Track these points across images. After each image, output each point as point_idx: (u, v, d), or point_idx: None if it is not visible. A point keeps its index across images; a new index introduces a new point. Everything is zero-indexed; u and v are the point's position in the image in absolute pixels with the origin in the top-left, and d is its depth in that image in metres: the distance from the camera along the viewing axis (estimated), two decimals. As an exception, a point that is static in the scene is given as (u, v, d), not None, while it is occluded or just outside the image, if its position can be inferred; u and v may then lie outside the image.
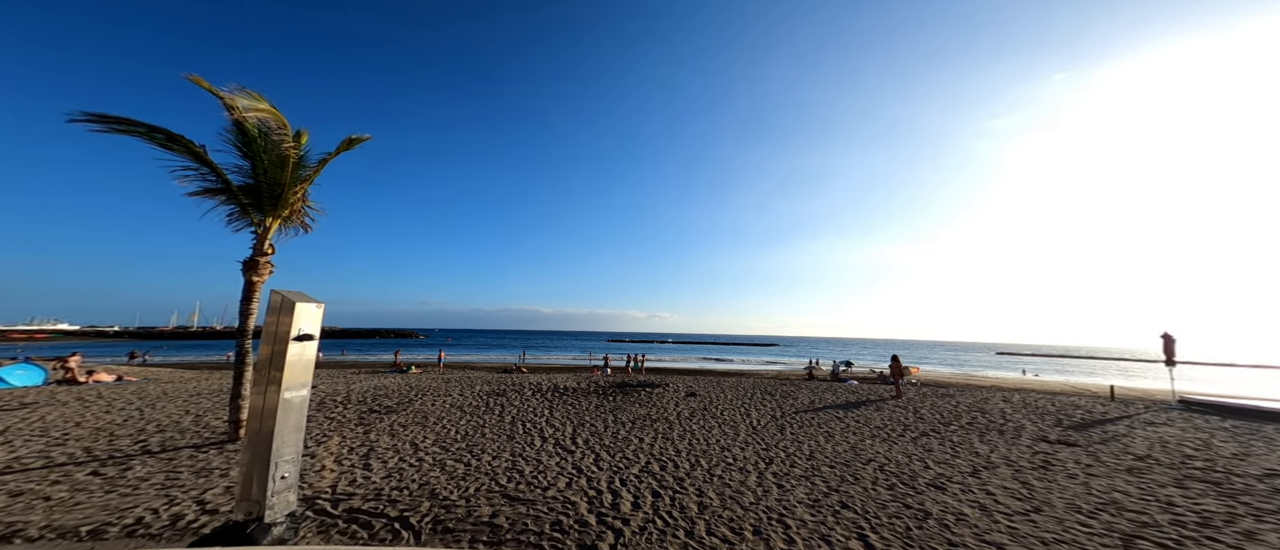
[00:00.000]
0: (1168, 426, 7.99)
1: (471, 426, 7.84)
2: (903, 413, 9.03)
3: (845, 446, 6.28)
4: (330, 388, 12.03)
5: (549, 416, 8.74)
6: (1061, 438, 6.82)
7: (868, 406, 9.91)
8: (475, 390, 12.13)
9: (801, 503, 4.15)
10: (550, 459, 5.95)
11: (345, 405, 9.51)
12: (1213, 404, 10.71)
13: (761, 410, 9.45)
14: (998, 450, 6.00)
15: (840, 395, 11.80)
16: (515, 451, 6.31)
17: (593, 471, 5.39)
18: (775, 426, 7.79)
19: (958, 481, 4.62)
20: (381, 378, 15.20)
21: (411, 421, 8.13)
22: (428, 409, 9.33)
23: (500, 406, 9.73)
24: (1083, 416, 8.86)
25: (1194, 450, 6.04)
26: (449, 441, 6.83)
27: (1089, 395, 13.40)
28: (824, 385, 14.68)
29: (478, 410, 9.29)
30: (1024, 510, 3.76)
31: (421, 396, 10.85)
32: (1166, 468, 5.15)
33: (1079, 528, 3.39)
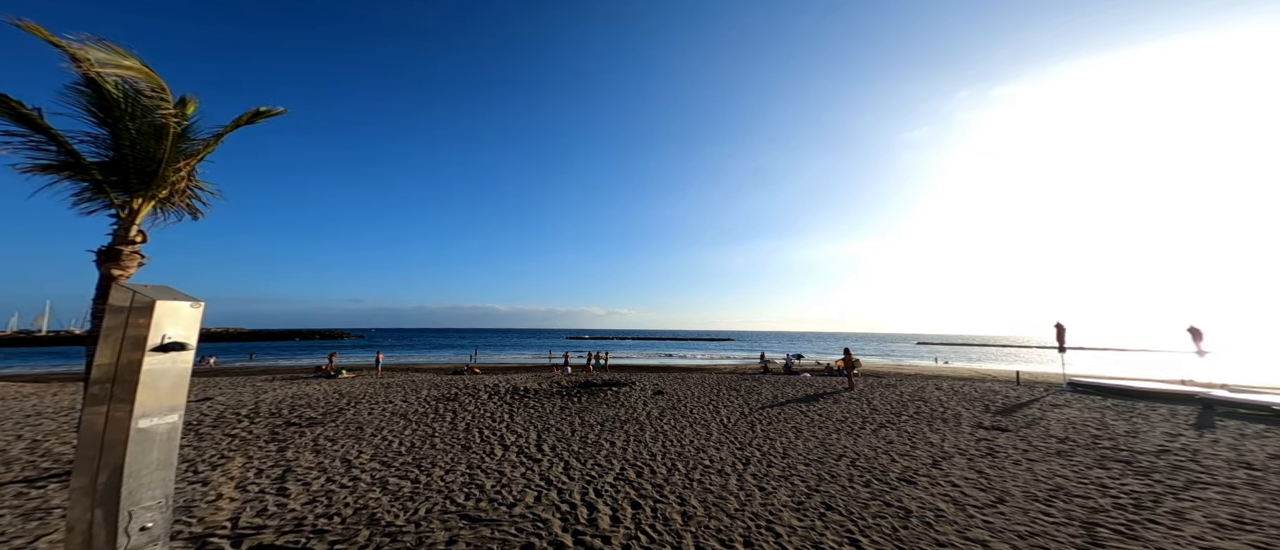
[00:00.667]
0: (1067, 408, 9.23)
1: (419, 436, 6.91)
2: (858, 405, 9.54)
3: (815, 442, 6.38)
4: (232, 398, 10.13)
5: (510, 421, 8.01)
6: (994, 423, 7.54)
7: (826, 399, 10.37)
8: (422, 395, 10.91)
9: (787, 506, 4.02)
10: (514, 470, 5.33)
11: (252, 419, 7.99)
12: (1095, 385, 12.72)
13: (729, 406, 9.48)
14: (948, 439, 6.44)
15: (799, 388, 12.29)
16: (473, 463, 5.60)
17: (563, 482, 4.89)
18: (745, 423, 7.79)
19: (924, 474, 4.81)
20: (303, 385, 13.19)
21: (342, 434, 6.99)
22: (363, 418, 8.13)
23: (452, 412, 8.77)
24: (1002, 401, 9.97)
25: (1098, 430, 6.95)
26: (391, 455, 5.91)
27: (1000, 380, 15.33)
28: (781, 378, 15.30)
29: (425, 417, 8.28)
30: (990, 501, 3.93)
31: (355, 404, 9.50)
32: (1084, 449, 5.82)
33: (1043, 517, 3.59)
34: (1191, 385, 12.64)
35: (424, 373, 19.10)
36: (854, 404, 9.62)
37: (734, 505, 4.12)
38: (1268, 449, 5.86)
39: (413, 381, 13.70)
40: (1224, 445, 6.03)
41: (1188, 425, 7.43)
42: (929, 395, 10.86)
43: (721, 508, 4.08)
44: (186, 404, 2.69)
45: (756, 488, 4.54)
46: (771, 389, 12.22)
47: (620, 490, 4.63)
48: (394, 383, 13.36)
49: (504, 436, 6.99)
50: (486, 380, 14.19)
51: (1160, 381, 14.25)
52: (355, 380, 14.51)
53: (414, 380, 14.14)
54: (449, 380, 14.14)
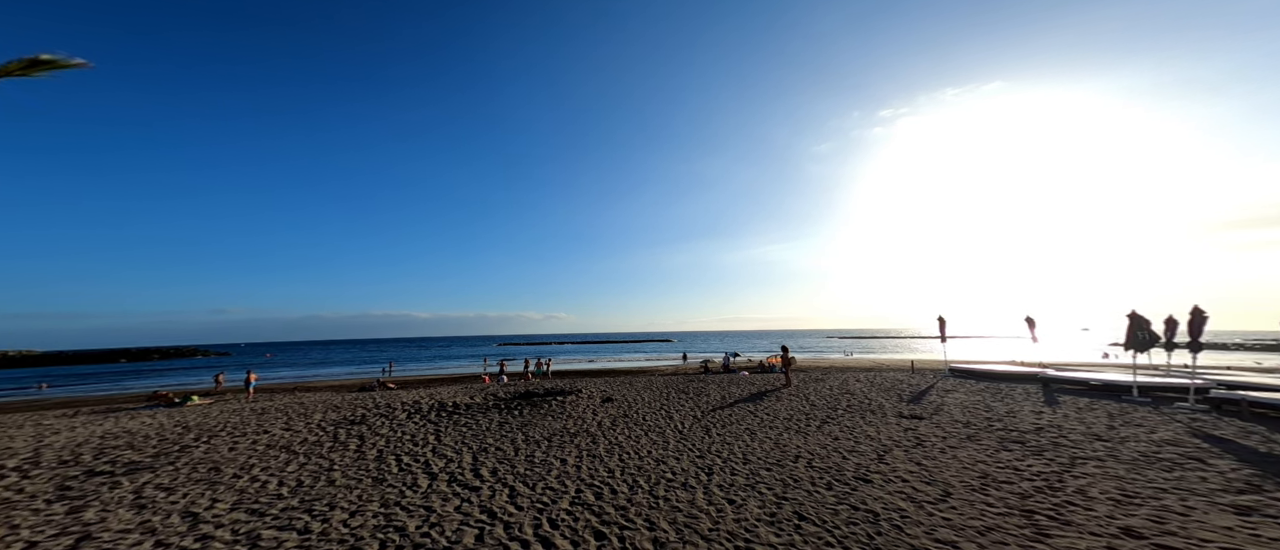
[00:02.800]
0: (956, 392, 10.87)
1: (309, 473, 5.42)
2: (799, 401, 10.07)
3: (769, 443, 6.40)
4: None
5: (436, 444, 6.76)
6: (911, 412, 8.46)
7: (769, 397, 10.80)
8: (314, 420, 8.83)
9: (761, 520, 3.78)
10: (446, 503, 4.36)
11: (26, 472, 5.58)
12: (968, 370, 15.39)
13: (681, 410, 9.30)
14: (882, 431, 6.97)
15: (742, 387, 12.70)
16: (390, 500, 4.48)
17: (511, 514, 4.10)
18: (701, 428, 7.63)
19: (875, 471, 5.01)
20: (126, 418, 9.90)
21: (186, 479, 5.19)
22: (222, 456, 6.19)
23: (359, 438, 7.16)
24: (909, 389, 11.40)
25: (986, 412, 8.17)
26: (266, 500, 4.50)
27: (899, 369, 17.80)
28: (723, 378, 15.80)
29: (319, 448, 6.60)
30: (939, 496, 4.16)
31: (209, 439, 7.28)
32: (985, 431, 6.72)
33: (987, 508, 3.86)
34: (1033, 366, 15.97)
35: (318, 392, 15.87)
36: (794, 400, 10.14)
37: (707, 524, 3.76)
38: (1102, 419, 7.41)
39: (301, 404, 11.13)
40: (1073, 419, 7.49)
41: (1042, 402, 9.17)
42: (853, 387, 11.98)
43: (694, 529, 3.69)
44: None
45: (726, 501, 4.25)
46: (718, 389, 12.43)
47: (579, 518, 4.00)
48: (273, 408, 10.70)
49: (430, 463, 5.81)
50: (404, 396, 12.15)
51: (1010, 364, 17.86)
52: (211, 408, 11.30)
53: (304, 403, 11.51)
54: (354, 400, 11.79)
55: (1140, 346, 10.21)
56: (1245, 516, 3.57)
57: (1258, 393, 8.51)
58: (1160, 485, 4.32)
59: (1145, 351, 10.36)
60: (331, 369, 34.03)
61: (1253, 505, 3.79)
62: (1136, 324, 10.23)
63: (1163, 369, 13.75)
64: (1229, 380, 10.70)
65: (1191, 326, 9.43)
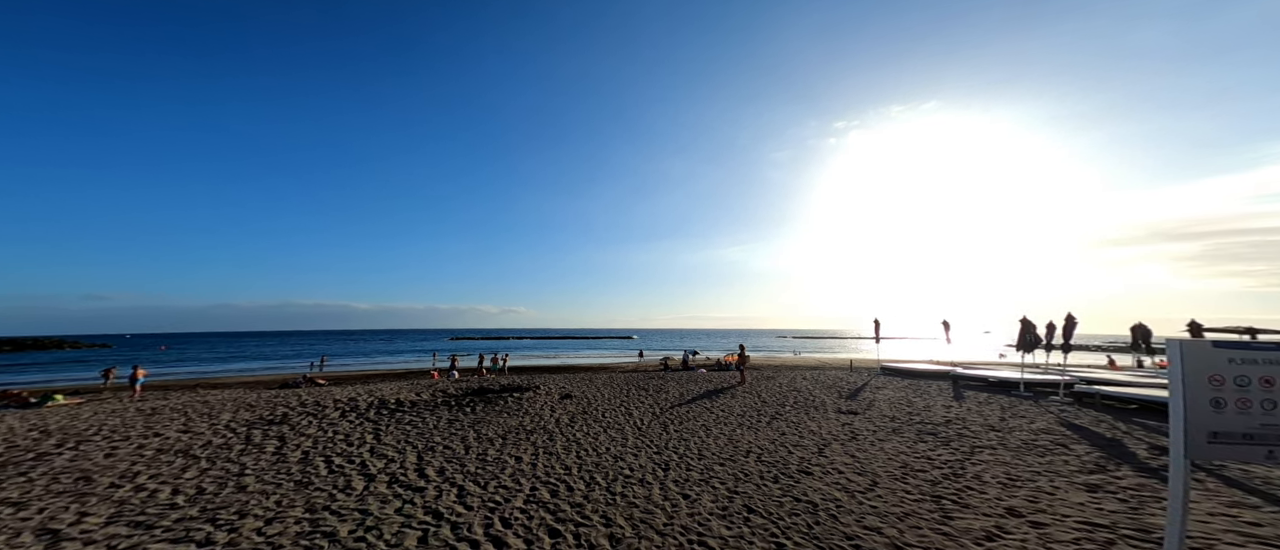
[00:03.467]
0: (886, 389, 12.12)
1: (214, 479, 4.79)
2: (752, 398, 10.64)
3: (723, 439, 6.70)
4: None
5: (375, 443, 6.25)
6: (848, 408, 9.29)
7: (725, 394, 11.29)
8: (222, 420, 7.78)
9: (713, 514, 3.95)
10: (385, 506, 4.07)
11: None
12: (897, 369, 17.23)
13: (641, 407, 9.42)
14: (823, 426, 7.58)
15: (700, 385, 13.15)
16: (316, 504, 4.09)
17: (459, 514, 3.92)
18: (659, 424, 7.78)
19: (815, 463, 5.44)
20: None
21: (42, 492, 4.38)
22: (95, 464, 5.26)
23: (279, 439, 6.41)
24: (848, 387, 12.51)
25: (909, 407, 9.20)
26: (156, 513, 3.93)
27: (839, 368, 19.47)
28: (682, 375, 16.24)
29: (227, 451, 5.82)
30: (868, 485, 4.62)
31: (75, 445, 6.15)
32: (907, 425, 7.56)
33: (905, 495, 4.34)
34: (945, 365, 18.23)
35: (228, 390, 13.98)
36: (748, 397, 10.69)
37: (662, 519, 3.85)
38: (996, 412, 8.65)
39: (205, 404, 9.71)
40: (974, 412, 8.67)
41: (951, 397, 10.52)
42: (800, 385, 12.90)
43: (650, 524, 3.76)
44: None
45: (680, 496, 4.38)
46: (677, 386, 12.76)
47: (534, 516, 3.90)
48: (168, 408, 9.24)
49: (367, 463, 5.36)
50: (338, 393, 11.07)
51: (929, 363, 20.25)
52: (80, 409, 9.50)
53: (208, 402, 10.04)
54: (274, 398, 10.52)
55: (1027, 347, 12.07)
56: (1093, 493, 4.38)
57: (1108, 387, 10.46)
58: (1036, 469, 5.15)
59: (1031, 352, 12.29)
60: (247, 364, 30.03)
61: (1099, 483, 4.66)
62: (1025, 328, 12.08)
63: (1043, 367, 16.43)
64: (1088, 376, 13.00)
65: (1065, 330, 11.32)
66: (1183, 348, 2.64)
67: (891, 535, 3.47)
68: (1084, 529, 3.55)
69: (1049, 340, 11.87)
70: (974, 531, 3.52)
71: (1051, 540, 3.38)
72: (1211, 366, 2.60)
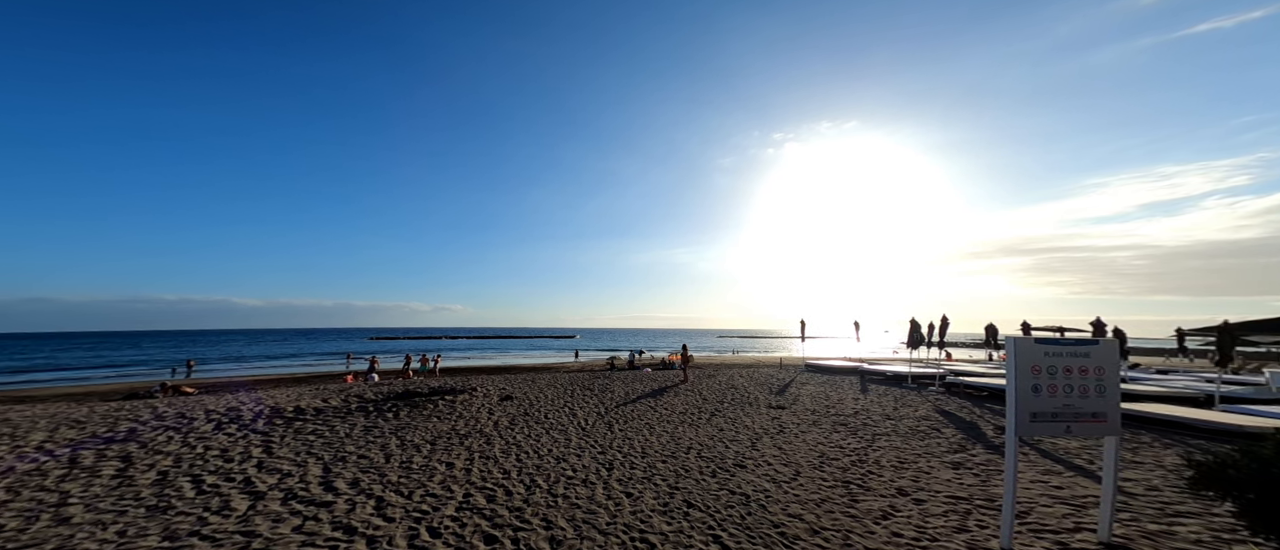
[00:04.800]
0: (809, 385, 13.57)
1: (15, 513, 3.78)
2: (693, 396, 11.17)
3: (666, 437, 6.96)
4: None
5: (264, 457, 5.40)
6: (777, 403, 10.23)
7: (668, 393, 11.69)
8: (31, 441, 6.13)
9: (655, 511, 4.10)
10: (279, 525, 3.61)
11: None
12: (818, 366, 19.36)
13: (586, 407, 9.37)
14: (755, 421, 8.25)
15: (645, 384, 13.45)
16: (179, 530, 3.50)
17: (377, 526, 3.60)
18: (603, 424, 7.81)
19: (749, 456, 5.91)
20: None
21: None
22: None
23: (122, 459, 5.23)
24: (778, 383, 13.75)
25: (826, 401, 10.42)
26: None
27: (771, 365, 21.31)
28: (628, 375, 16.46)
29: (41, 477, 4.59)
30: (792, 475, 5.15)
31: None
32: (824, 417, 8.56)
33: (822, 482, 4.93)
34: (854, 361, 20.94)
35: (44, 403, 10.97)
36: (690, 396, 11.21)
37: (605, 519, 3.90)
38: (890, 402, 10.19)
39: (7, 422, 7.47)
40: (876, 403, 10.12)
41: (859, 391, 12.14)
42: (737, 382, 13.85)
43: (592, 524, 3.79)
44: None
45: (624, 494, 4.47)
46: (622, 386, 12.89)
47: (468, 522, 3.71)
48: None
49: (253, 480, 4.63)
50: (213, 403, 9.23)
51: (842, 360, 23.10)
52: None
53: (11, 419, 7.73)
54: (117, 411, 8.45)
55: (914, 344, 14.42)
56: (957, 470, 5.40)
57: (968, 378, 12.92)
58: (918, 451, 6.19)
59: (917, 348, 14.69)
60: (75, 372, 23.64)
61: (961, 461, 5.76)
62: (913, 327, 14.40)
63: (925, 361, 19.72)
64: (956, 369, 15.92)
65: (940, 329, 13.74)
66: (1015, 344, 3.40)
67: (810, 520, 3.93)
68: (950, 502, 4.38)
69: (929, 338, 14.29)
70: (873, 512, 4.14)
71: (928, 514, 4.10)
72: (1033, 358, 3.40)
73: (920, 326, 14.33)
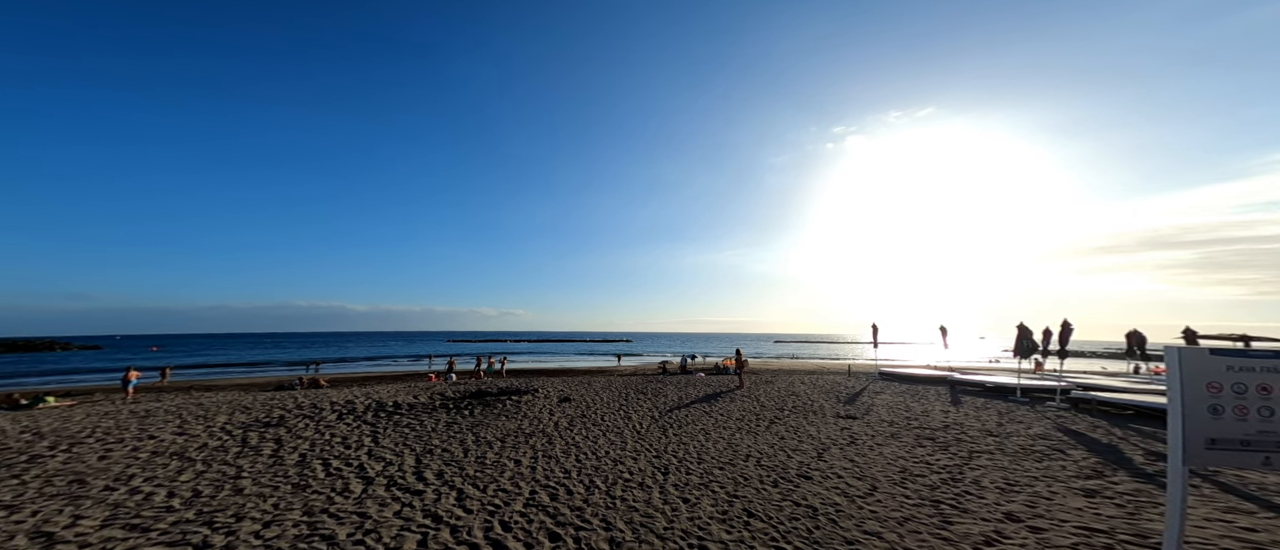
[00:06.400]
0: (884, 394, 12.15)
1: (210, 482, 4.75)
2: (750, 402, 10.64)
3: (723, 443, 6.70)
4: None
5: (373, 446, 6.22)
6: (847, 413, 9.30)
7: (723, 398, 11.29)
8: (217, 423, 7.71)
9: (713, 518, 3.95)
10: (384, 509, 4.04)
11: None
12: (895, 374, 17.27)
13: (639, 411, 9.41)
14: (821, 430, 7.59)
15: (698, 389, 13.14)
16: (314, 507, 4.06)
17: (459, 517, 3.91)
18: (657, 428, 7.77)
19: (815, 468, 5.44)
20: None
21: (36, 494, 4.34)
22: (89, 466, 5.20)
23: (275, 442, 6.36)
24: (846, 391, 12.53)
25: (907, 412, 9.23)
26: (152, 515, 3.90)
27: (837, 372, 19.50)
28: (681, 379, 16.22)
29: (223, 453, 5.78)
30: (868, 490, 4.63)
31: (70, 447, 6.09)
32: (905, 430, 7.58)
33: (904, 500, 4.36)
34: (943, 370, 18.29)
35: (222, 392, 13.88)
36: (746, 402, 10.69)
37: (662, 523, 3.85)
38: (993, 417, 8.70)
39: (200, 406, 9.62)
40: (972, 417, 8.71)
41: (949, 402, 10.55)
42: (798, 389, 12.91)
43: (650, 528, 3.76)
44: None
45: (681, 500, 4.38)
46: (675, 390, 12.74)
47: (533, 519, 3.90)
48: (161, 410, 9.14)
49: (365, 466, 5.33)
50: (335, 396, 10.99)
51: (926, 368, 20.32)
52: (73, 411, 9.43)
53: (202, 404, 9.96)
54: (270, 400, 10.43)
55: (1025, 353, 12.15)
56: (1090, 498, 4.40)
57: (1104, 393, 10.52)
58: (1033, 474, 5.18)
59: (1028, 357, 12.36)
60: (242, 366, 29.76)
61: (1097, 489, 4.69)
62: (1023, 334, 12.16)
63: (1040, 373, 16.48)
64: (1084, 382, 13.08)
65: (1061, 337, 11.41)
66: (1181, 355, 2.67)
67: (891, 540, 3.48)
68: (1082, 534, 3.57)
69: (1046, 346, 11.95)
70: (973, 536, 3.54)
71: (1049, 545, 3.40)
72: (1209, 374, 2.64)
73: (1031, 333, 12.09)
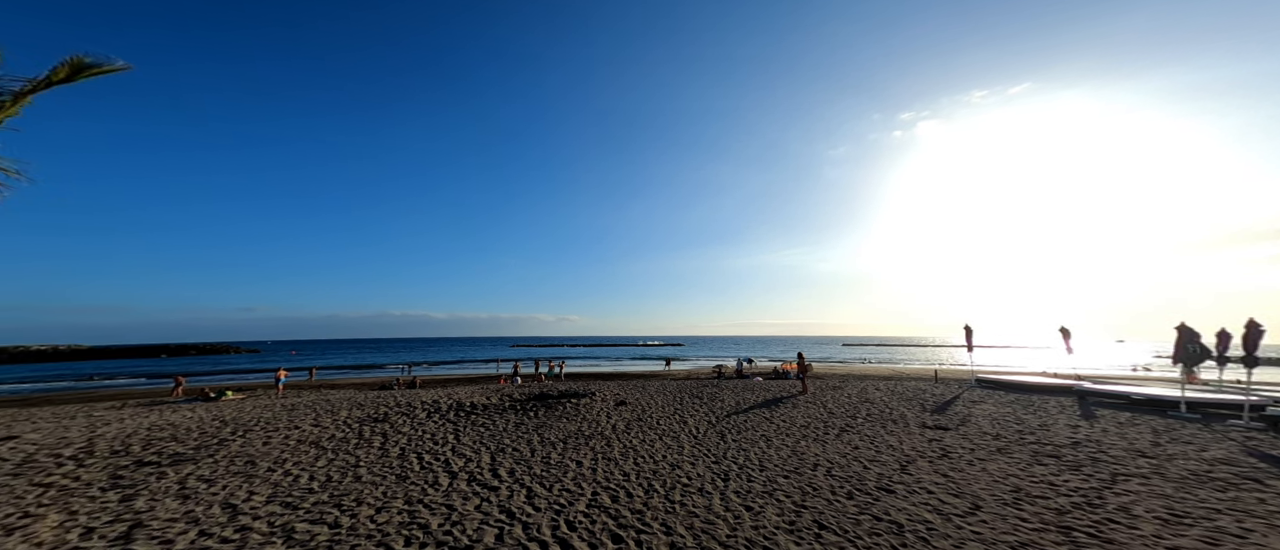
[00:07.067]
0: (984, 403, 10.41)
1: (338, 469, 5.63)
2: (816, 408, 9.85)
3: (786, 451, 6.29)
4: (52, 435, 7.62)
5: (455, 443, 6.92)
6: (936, 423, 8.15)
7: (785, 404, 10.60)
8: (340, 417, 9.17)
9: (780, 528, 3.72)
10: (466, 502, 4.46)
11: (82, 461, 5.99)
12: (997, 381, 14.72)
13: (696, 415, 9.23)
14: (904, 441, 6.75)
15: (757, 393, 12.51)
16: (413, 497, 4.61)
17: (529, 514, 4.17)
18: (715, 433, 7.56)
19: (898, 481, 4.86)
20: (168, 412, 10.49)
21: (225, 472, 5.47)
22: (257, 450, 6.50)
23: (382, 436, 7.39)
24: (933, 400, 10.98)
25: (1018, 425, 7.81)
26: (299, 494, 4.69)
27: (921, 379, 17.17)
28: (737, 383, 15.58)
29: (346, 444, 6.85)
30: (968, 508, 4.01)
31: (244, 433, 7.64)
32: (1017, 445, 6.42)
33: (1020, 522, 3.70)
34: (1068, 379, 15.15)
35: (343, 390, 16.47)
36: (811, 408, 9.92)
37: (724, 530, 3.73)
38: (1145, 435, 6.97)
39: (328, 401, 11.57)
40: (1114, 434, 7.07)
41: (1078, 416, 8.69)
42: (872, 396, 11.64)
43: (711, 534, 3.67)
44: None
45: (743, 507, 4.21)
46: (732, 395, 12.28)
47: (597, 520, 4.03)
48: (301, 404, 11.15)
49: (450, 461, 5.95)
50: (423, 395, 12.48)
51: (1041, 375, 17.01)
52: (245, 403, 11.89)
53: (330, 400, 11.97)
54: (377, 398, 12.18)
55: (1191, 360, 9.56)
56: (1311, 542, 3.31)
57: None
58: (1213, 505, 4.04)
59: (1195, 366, 9.71)
60: (353, 365, 35.14)
61: (1320, 530, 3.51)
62: (1186, 337, 9.60)
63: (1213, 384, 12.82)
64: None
65: (1246, 340, 8.79)
66: None
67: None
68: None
69: (1222, 351, 9.32)
70: (1121, 574, 2.87)
71: (1243, 596, 2.62)
72: None
73: (1198, 335, 9.52)
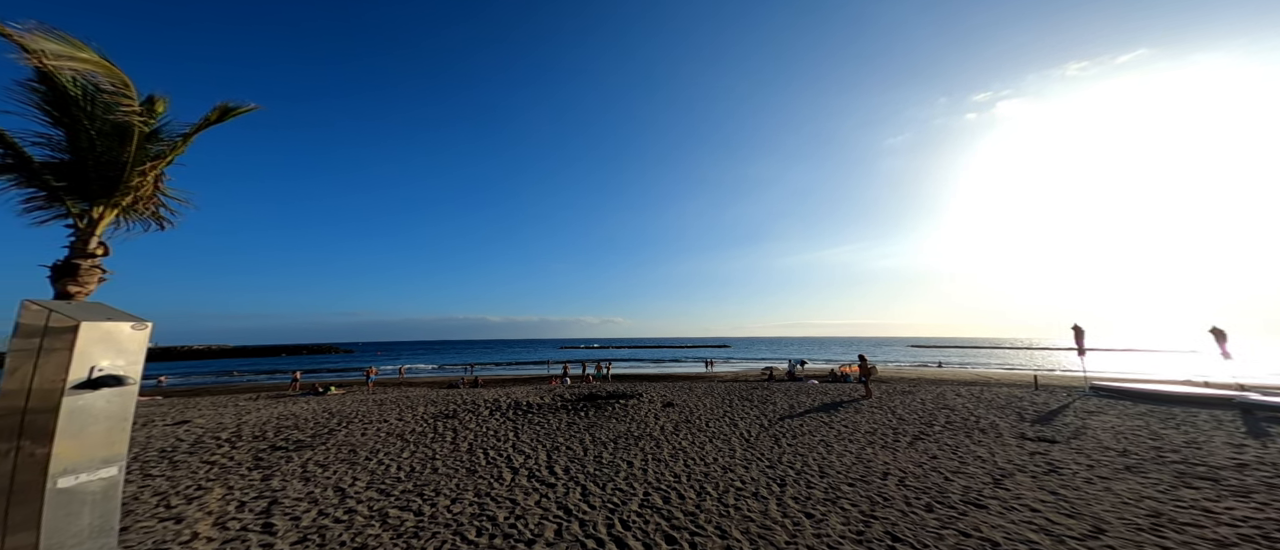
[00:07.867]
0: (1104, 414, 8.74)
1: (418, 460, 6.28)
2: (882, 414, 9.00)
3: (850, 458, 5.83)
4: (212, 421, 9.41)
5: (515, 440, 7.39)
6: (1038, 434, 7.02)
7: (845, 408, 9.82)
8: (418, 412, 10.23)
9: (846, 538, 3.46)
10: (527, 497, 4.72)
11: (234, 443, 7.31)
12: (1120, 389, 12.27)
13: (746, 418, 8.90)
14: (997, 453, 5.90)
15: (814, 397, 11.73)
16: (481, 490, 4.97)
17: (584, 512, 4.31)
18: (768, 437, 7.22)
19: (991, 496, 4.27)
20: (289, 403, 12.45)
21: (334, 458, 6.36)
22: (356, 440, 7.48)
23: (453, 431, 8.12)
24: (1033, 409, 9.45)
25: (1152, 440, 6.45)
26: (390, 482, 5.28)
27: (1017, 385, 14.86)
28: (791, 387, 14.72)
29: (424, 437, 7.63)
30: (1088, 531, 3.41)
31: (346, 425, 8.82)
32: (1153, 463, 5.31)
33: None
34: (1225, 388, 12.20)
35: (418, 388, 18.36)
36: (877, 413, 9.08)
37: (783, 537, 3.56)
38: (1347, 458, 5.39)
39: (407, 398, 12.98)
40: (1297, 454, 5.56)
41: (1242, 433, 6.96)
42: (952, 402, 10.34)
43: (769, 540, 3.52)
44: (164, 430, 2.11)
45: (802, 514, 3.98)
46: (785, 398, 11.65)
47: (650, 520, 4.05)
48: (387, 399, 12.64)
49: (511, 457, 6.35)
50: (485, 394, 13.49)
51: (1182, 384, 13.87)
52: (345, 397, 13.78)
53: (408, 396, 13.44)
54: (446, 395, 13.43)
55: None
56: None
57: None
58: None
59: None
60: (425, 365, 38.97)
61: None
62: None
63: None
64: None
65: None
66: None
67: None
68: None
69: None
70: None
71: None
72: None
73: None
